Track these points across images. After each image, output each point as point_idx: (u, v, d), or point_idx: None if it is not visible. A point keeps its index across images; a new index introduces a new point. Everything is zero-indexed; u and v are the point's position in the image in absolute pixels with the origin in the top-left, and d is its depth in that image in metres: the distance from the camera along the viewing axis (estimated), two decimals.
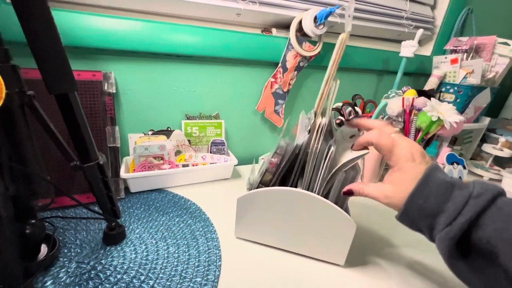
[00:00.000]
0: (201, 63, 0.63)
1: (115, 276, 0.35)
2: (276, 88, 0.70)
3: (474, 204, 0.26)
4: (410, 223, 0.31)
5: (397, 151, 0.32)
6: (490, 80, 0.78)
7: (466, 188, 0.28)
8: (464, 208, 0.26)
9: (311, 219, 0.39)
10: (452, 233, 0.26)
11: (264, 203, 0.40)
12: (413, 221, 0.30)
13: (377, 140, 0.34)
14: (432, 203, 0.28)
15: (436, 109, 0.66)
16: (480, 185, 0.28)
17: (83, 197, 0.49)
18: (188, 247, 0.41)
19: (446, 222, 0.27)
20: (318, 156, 0.37)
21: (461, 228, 0.26)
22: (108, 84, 0.51)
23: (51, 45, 0.28)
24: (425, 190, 0.29)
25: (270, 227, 0.41)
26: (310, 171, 0.38)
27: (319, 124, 0.36)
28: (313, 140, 0.37)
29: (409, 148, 0.32)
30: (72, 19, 0.48)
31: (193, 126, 0.65)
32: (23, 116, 0.30)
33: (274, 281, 0.37)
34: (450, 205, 0.27)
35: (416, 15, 0.84)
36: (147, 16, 0.59)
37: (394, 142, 0.33)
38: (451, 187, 0.28)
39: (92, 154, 0.35)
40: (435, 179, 0.29)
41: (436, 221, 0.28)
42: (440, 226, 0.28)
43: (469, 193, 0.27)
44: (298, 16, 0.63)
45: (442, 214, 0.28)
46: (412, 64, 0.86)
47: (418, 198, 0.29)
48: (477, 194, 0.27)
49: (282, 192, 0.38)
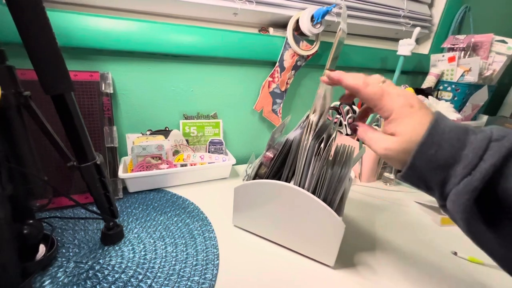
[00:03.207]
0: (198, 63, 0.63)
1: (113, 275, 0.35)
2: (274, 88, 0.70)
3: (497, 147, 0.21)
4: (417, 178, 0.26)
5: (389, 98, 0.27)
6: (487, 78, 0.78)
7: (482, 132, 0.23)
8: (486, 152, 0.22)
9: (300, 214, 0.39)
10: (473, 184, 0.21)
11: (257, 194, 0.42)
12: (421, 176, 0.25)
13: (363, 88, 0.28)
14: (445, 151, 0.23)
15: (434, 107, 0.66)
16: (498, 129, 0.23)
17: (81, 197, 0.49)
18: (186, 246, 0.41)
19: (464, 172, 0.22)
20: (308, 152, 0.37)
21: (484, 175, 0.21)
22: (105, 84, 0.51)
23: (46, 46, 0.28)
24: (435, 137, 0.24)
25: (264, 218, 0.43)
26: (301, 167, 0.38)
27: (309, 121, 0.37)
28: (303, 136, 0.37)
29: (402, 94, 0.27)
30: (68, 19, 0.48)
31: (191, 125, 0.65)
32: (19, 117, 0.31)
33: (272, 279, 0.37)
34: (468, 152, 0.22)
35: (414, 14, 0.84)
36: (144, 16, 0.59)
37: (383, 90, 0.28)
38: (465, 131, 0.23)
39: (89, 154, 0.35)
40: (446, 124, 0.24)
41: (451, 173, 0.23)
42: (456, 178, 0.22)
43: (489, 136, 0.22)
44: (295, 15, 0.63)
45: (458, 163, 0.23)
46: (409, 63, 0.86)
47: (428, 148, 0.24)
48: (498, 136, 0.22)
49: (272, 185, 0.39)
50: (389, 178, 0.68)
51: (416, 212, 0.57)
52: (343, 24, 0.37)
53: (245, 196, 0.43)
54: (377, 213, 0.55)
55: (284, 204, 0.40)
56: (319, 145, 0.36)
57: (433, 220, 0.54)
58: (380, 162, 0.68)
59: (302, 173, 0.38)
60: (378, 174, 0.70)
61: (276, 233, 0.43)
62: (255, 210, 0.43)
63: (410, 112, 0.26)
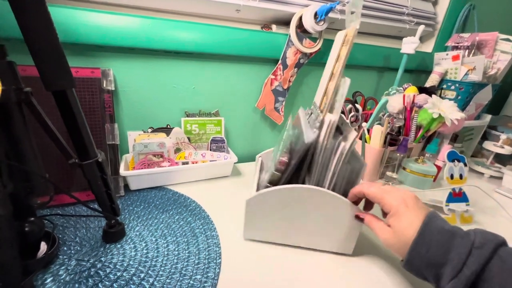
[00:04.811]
0: (200, 60, 0.63)
1: (115, 273, 0.35)
2: (276, 85, 0.69)
3: (477, 255, 0.26)
4: (415, 271, 0.31)
5: (388, 197, 0.34)
6: (491, 77, 0.77)
7: (467, 237, 0.28)
8: (468, 259, 0.27)
9: (321, 213, 0.39)
10: (459, 286, 0.26)
11: (275, 202, 0.39)
12: (418, 270, 0.30)
13: (367, 189, 0.36)
14: (434, 252, 0.29)
15: (437, 106, 0.66)
16: (481, 234, 0.28)
17: (83, 194, 0.49)
18: (188, 245, 0.41)
19: (452, 274, 0.27)
20: (327, 152, 0.37)
21: (467, 281, 0.26)
22: (106, 81, 0.51)
23: (47, 41, 0.28)
24: (426, 237, 0.29)
25: (281, 225, 0.41)
26: (319, 167, 0.38)
27: (329, 121, 0.36)
28: (322, 137, 0.37)
29: (400, 195, 0.34)
30: (70, 15, 0.48)
31: (192, 123, 0.65)
32: (20, 113, 0.30)
33: (274, 277, 0.37)
34: (454, 256, 0.27)
35: (418, 11, 0.83)
36: (146, 13, 0.58)
37: (383, 191, 0.35)
38: (452, 235, 0.29)
39: (91, 152, 0.35)
40: (435, 226, 0.30)
41: (442, 272, 0.28)
42: (446, 278, 0.27)
43: (471, 242, 0.27)
44: (298, 12, 0.62)
45: (446, 265, 0.28)
46: (413, 61, 0.86)
47: (420, 247, 0.29)
48: (480, 244, 0.27)
49: (295, 190, 0.38)
50: (391, 177, 0.67)
51: None
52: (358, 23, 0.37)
53: (262, 205, 0.40)
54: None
55: (304, 206, 0.39)
56: (339, 144, 0.36)
57: None
58: (383, 161, 0.68)
59: (321, 173, 0.38)
60: (381, 173, 0.70)
61: (292, 236, 0.42)
62: (272, 217, 0.41)
63: (404, 210, 0.32)
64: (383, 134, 0.63)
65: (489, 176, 0.78)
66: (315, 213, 0.39)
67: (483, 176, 0.79)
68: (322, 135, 0.37)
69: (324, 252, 0.42)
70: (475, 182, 0.71)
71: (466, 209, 0.52)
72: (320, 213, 0.39)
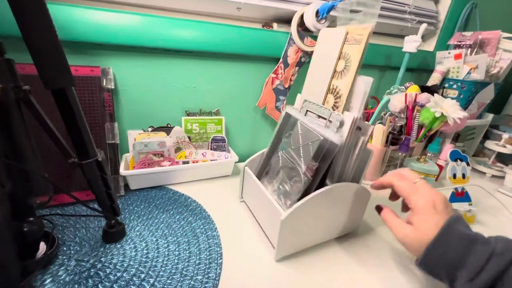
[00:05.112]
0: (201, 59, 0.62)
1: (115, 274, 0.35)
2: (277, 84, 0.69)
3: (497, 262, 0.26)
4: (430, 270, 0.31)
5: (418, 195, 0.33)
6: (494, 75, 0.77)
7: (488, 244, 0.28)
8: (487, 264, 0.27)
9: (346, 205, 0.42)
10: None
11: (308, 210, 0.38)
12: (433, 269, 0.30)
13: (397, 182, 0.35)
14: (453, 254, 0.28)
15: (440, 105, 0.65)
16: (503, 242, 0.28)
17: (82, 194, 0.48)
18: (188, 245, 0.41)
19: (468, 277, 0.27)
20: (348, 148, 0.39)
21: (484, 285, 0.26)
22: (106, 79, 0.50)
23: (46, 39, 0.28)
24: (446, 240, 0.29)
25: (309, 229, 0.40)
26: (341, 163, 0.40)
27: (352, 118, 0.37)
28: (346, 135, 0.37)
29: (431, 195, 0.33)
30: (69, 13, 0.47)
31: (193, 122, 0.64)
32: (19, 112, 0.30)
33: (276, 277, 0.36)
34: (473, 260, 0.27)
35: (420, 10, 0.82)
36: (146, 10, 0.58)
37: (414, 187, 0.34)
38: (474, 240, 0.29)
39: (91, 151, 0.34)
40: (457, 230, 0.30)
41: (457, 274, 0.28)
42: (461, 280, 0.27)
43: (492, 249, 0.27)
44: (300, 10, 0.62)
45: (464, 268, 0.27)
46: (414, 60, 0.85)
47: (439, 247, 0.29)
48: (500, 251, 0.27)
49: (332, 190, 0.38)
50: None
51: None
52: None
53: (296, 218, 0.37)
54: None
55: (332, 204, 0.40)
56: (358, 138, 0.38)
57: None
58: (385, 161, 0.67)
59: (343, 167, 0.40)
60: (382, 173, 0.69)
61: (319, 235, 0.43)
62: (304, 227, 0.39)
63: (432, 212, 0.31)
64: (385, 133, 0.63)
65: (491, 176, 0.78)
66: (340, 206, 0.42)
67: (485, 175, 0.79)
68: (345, 133, 0.37)
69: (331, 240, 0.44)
70: (477, 182, 0.71)
71: (469, 208, 0.52)
72: (345, 205, 0.42)
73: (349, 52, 0.39)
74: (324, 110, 0.40)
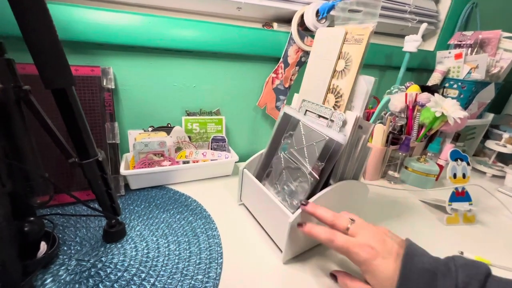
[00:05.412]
0: (201, 58, 0.62)
1: (115, 273, 0.35)
2: (278, 84, 0.69)
3: None
4: None
5: (355, 250, 0.30)
6: (494, 75, 0.77)
7: (449, 275, 0.26)
8: None
9: (348, 201, 0.44)
10: None
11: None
12: None
13: (331, 243, 0.32)
14: None
15: (440, 104, 0.65)
16: (463, 269, 0.27)
17: (83, 194, 0.48)
18: (189, 245, 0.41)
19: None
20: (351, 146, 0.39)
21: None
22: (106, 79, 0.50)
23: (47, 38, 0.28)
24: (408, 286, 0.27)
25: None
26: (344, 161, 0.40)
27: (355, 117, 0.37)
28: (349, 134, 0.38)
29: (366, 243, 0.30)
30: (69, 12, 0.47)
31: (193, 122, 0.64)
32: (19, 112, 0.30)
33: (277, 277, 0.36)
34: None
35: (420, 9, 0.82)
36: (146, 10, 0.58)
37: (348, 243, 0.31)
38: (433, 275, 0.27)
39: (91, 151, 0.34)
40: (414, 270, 0.28)
41: None
42: None
43: (455, 282, 0.26)
44: (300, 10, 0.62)
45: None
46: (415, 59, 0.85)
47: None
48: (464, 284, 0.26)
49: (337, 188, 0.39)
50: (393, 176, 0.67)
51: (421, 211, 0.56)
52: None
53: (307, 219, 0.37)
54: (381, 211, 0.54)
55: (336, 202, 0.41)
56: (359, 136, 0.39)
57: (438, 219, 0.53)
58: (385, 160, 0.67)
59: (346, 164, 0.41)
60: (382, 173, 0.69)
61: None
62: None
63: (375, 266, 0.29)
64: (385, 133, 0.63)
65: (491, 175, 0.78)
66: (344, 202, 0.42)
67: (485, 175, 0.78)
68: (349, 132, 0.37)
69: None
70: (477, 182, 0.71)
71: (469, 208, 0.52)
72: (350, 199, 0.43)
73: (349, 51, 0.39)
74: (326, 110, 0.40)
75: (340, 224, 0.33)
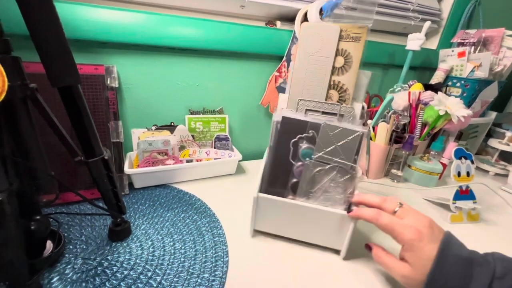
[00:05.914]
0: (204, 57, 0.62)
1: (122, 272, 0.35)
2: (281, 82, 0.69)
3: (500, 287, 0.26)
4: None
5: (400, 230, 0.32)
6: (497, 73, 0.77)
7: (486, 265, 0.28)
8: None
9: None
10: None
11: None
12: None
13: (376, 221, 0.34)
14: (453, 282, 0.28)
15: (444, 103, 0.65)
16: (501, 262, 0.28)
17: (87, 193, 0.48)
18: (194, 243, 0.41)
19: None
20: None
21: None
22: (110, 78, 0.50)
23: (54, 36, 0.27)
24: (443, 270, 0.28)
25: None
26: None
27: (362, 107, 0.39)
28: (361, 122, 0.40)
29: (413, 226, 0.31)
30: (73, 11, 0.47)
31: (197, 121, 0.64)
32: (25, 110, 0.30)
33: (282, 274, 0.36)
34: (476, 285, 0.27)
35: (423, 8, 0.82)
36: (150, 9, 0.57)
37: (394, 223, 0.32)
38: (470, 263, 0.28)
39: (97, 149, 0.34)
40: (451, 256, 0.29)
41: None
42: None
43: (492, 271, 0.27)
44: (303, 8, 0.62)
45: None
46: (418, 58, 0.85)
47: (437, 279, 0.28)
48: (501, 274, 0.26)
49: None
50: (396, 174, 0.67)
51: (424, 209, 0.56)
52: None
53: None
54: None
55: None
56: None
57: (442, 218, 0.53)
58: (388, 159, 0.67)
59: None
60: (386, 171, 0.69)
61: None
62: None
63: (419, 247, 0.30)
64: (389, 132, 0.63)
65: (494, 174, 0.78)
66: None
67: (488, 173, 0.79)
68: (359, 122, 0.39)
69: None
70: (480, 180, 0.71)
71: (473, 206, 0.52)
72: None
73: (347, 49, 0.40)
74: (332, 106, 0.40)
75: (388, 207, 0.35)
